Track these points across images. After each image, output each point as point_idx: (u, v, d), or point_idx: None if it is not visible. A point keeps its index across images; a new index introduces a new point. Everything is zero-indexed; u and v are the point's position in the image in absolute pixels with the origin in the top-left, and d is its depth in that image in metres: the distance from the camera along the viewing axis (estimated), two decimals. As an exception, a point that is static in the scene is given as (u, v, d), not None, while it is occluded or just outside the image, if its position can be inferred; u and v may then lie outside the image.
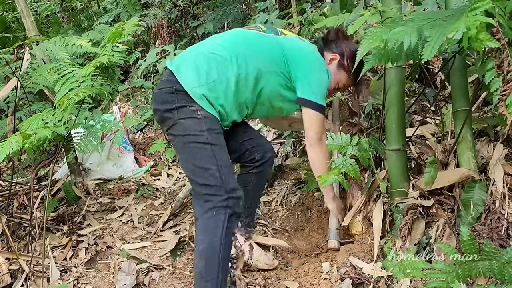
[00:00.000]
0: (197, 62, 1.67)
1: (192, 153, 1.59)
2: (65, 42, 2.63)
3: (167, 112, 1.63)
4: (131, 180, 3.01)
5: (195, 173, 1.59)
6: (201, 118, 1.60)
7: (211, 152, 1.58)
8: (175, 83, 1.64)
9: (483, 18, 1.00)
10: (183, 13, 4.35)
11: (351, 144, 1.70)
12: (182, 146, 1.62)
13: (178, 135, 1.62)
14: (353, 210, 1.94)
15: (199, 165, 1.58)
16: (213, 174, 1.56)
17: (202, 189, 1.57)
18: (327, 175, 1.62)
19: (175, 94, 1.63)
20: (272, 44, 1.72)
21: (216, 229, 1.53)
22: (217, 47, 1.70)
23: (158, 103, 1.66)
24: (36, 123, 1.95)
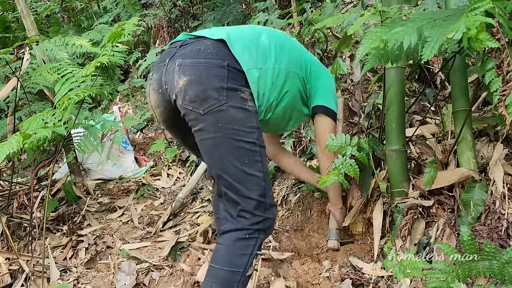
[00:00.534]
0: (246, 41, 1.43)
1: (238, 153, 1.32)
2: (65, 42, 2.63)
3: (213, 90, 1.30)
4: (131, 180, 3.01)
5: (237, 179, 1.32)
6: (252, 112, 1.36)
7: (259, 156, 1.35)
8: (228, 57, 1.36)
9: (483, 18, 1.00)
10: (183, 13, 4.35)
11: (351, 144, 1.70)
12: (224, 141, 1.31)
13: (222, 126, 1.31)
14: (353, 210, 1.94)
15: (245, 170, 1.32)
16: (258, 184, 1.33)
17: (242, 201, 1.33)
18: (327, 176, 1.62)
19: (225, 69, 1.33)
20: (301, 48, 1.64)
21: (242, 257, 1.32)
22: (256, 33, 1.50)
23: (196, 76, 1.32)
24: (36, 123, 1.95)
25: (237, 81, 1.35)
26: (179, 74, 1.33)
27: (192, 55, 1.36)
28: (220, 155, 1.33)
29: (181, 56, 1.37)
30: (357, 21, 1.49)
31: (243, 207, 1.33)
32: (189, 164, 2.96)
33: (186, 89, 1.32)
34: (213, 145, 1.34)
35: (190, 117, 1.35)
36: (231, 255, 1.32)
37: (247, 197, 1.32)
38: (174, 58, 1.39)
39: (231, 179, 1.33)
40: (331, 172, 1.66)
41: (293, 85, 1.55)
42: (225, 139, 1.32)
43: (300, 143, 2.69)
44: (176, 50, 1.42)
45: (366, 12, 1.57)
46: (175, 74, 1.34)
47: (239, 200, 1.33)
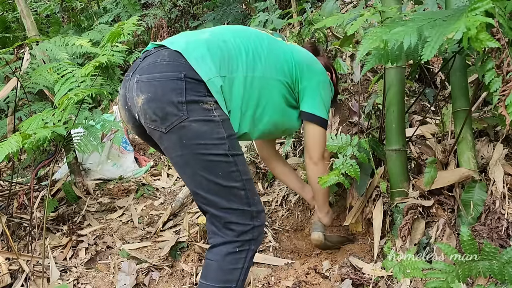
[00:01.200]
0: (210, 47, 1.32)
1: (210, 168, 1.25)
2: (65, 42, 2.63)
3: (172, 106, 1.22)
4: (131, 180, 3.01)
5: (215, 193, 1.27)
6: (219, 122, 1.27)
7: (234, 166, 1.28)
8: (184, 67, 1.25)
9: (483, 18, 1.00)
10: (183, 13, 4.35)
11: (351, 145, 1.70)
12: (193, 158, 1.25)
13: (187, 143, 1.24)
14: (353, 210, 1.94)
15: (220, 183, 1.26)
16: (237, 194, 1.28)
17: (224, 214, 1.27)
18: (328, 176, 1.62)
19: (183, 81, 1.23)
20: (284, 50, 1.49)
21: (233, 271, 1.28)
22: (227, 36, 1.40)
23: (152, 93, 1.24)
24: (36, 123, 1.95)
25: (197, 92, 1.25)
26: (137, 92, 1.27)
27: (149, 70, 1.28)
28: (192, 173, 1.27)
29: (139, 71, 1.30)
30: (357, 21, 1.49)
31: (227, 219, 1.27)
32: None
33: (145, 108, 1.26)
34: (183, 163, 1.28)
35: (155, 136, 1.30)
36: (222, 271, 1.28)
37: (229, 209, 1.27)
38: (135, 72, 1.31)
39: (207, 194, 1.27)
40: (332, 172, 1.66)
41: (276, 94, 1.45)
42: (192, 155, 1.25)
43: (300, 143, 2.69)
44: (139, 63, 1.34)
45: (366, 12, 1.57)
46: (134, 92, 1.28)
47: (221, 213, 1.27)
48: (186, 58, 1.27)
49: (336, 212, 2.15)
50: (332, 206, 2.19)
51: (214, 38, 1.37)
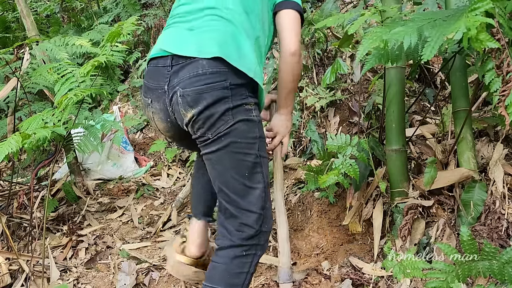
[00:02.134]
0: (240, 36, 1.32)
1: (239, 166, 1.29)
2: (65, 42, 2.63)
3: (220, 115, 1.26)
4: (131, 180, 3.01)
5: (237, 192, 1.30)
6: (256, 121, 1.32)
7: (260, 167, 1.32)
8: (227, 74, 1.27)
9: (483, 18, 1.00)
10: (183, 13, 4.35)
11: (351, 145, 1.70)
12: (226, 155, 1.29)
13: (227, 142, 1.28)
14: (352, 210, 1.94)
15: (244, 183, 1.29)
16: (258, 196, 1.31)
17: (240, 214, 1.30)
18: (327, 175, 1.62)
19: (229, 89, 1.26)
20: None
21: (239, 275, 1.29)
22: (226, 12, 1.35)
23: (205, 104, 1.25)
24: (36, 123, 1.95)
25: (241, 95, 1.29)
26: (184, 107, 1.28)
27: (192, 83, 1.26)
28: (222, 169, 1.30)
29: (181, 84, 1.28)
30: (357, 21, 1.49)
31: (243, 220, 1.30)
32: (189, 164, 2.96)
33: (195, 120, 1.28)
34: (216, 160, 1.31)
35: (200, 140, 1.32)
36: (228, 274, 1.29)
37: (247, 210, 1.30)
38: (173, 85, 1.30)
39: (230, 192, 1.30)
40: (331, 172, 1.66)
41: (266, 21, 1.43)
42: (226, 152, 1.28)
43: (300, 143, 2.69)
44: (169, 74, 1.32)
45: (366, 12, 1.57)
46: (181, 107, 1.29)
47: (238, 213, 1.30)
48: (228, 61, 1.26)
49: (336, 212, 2.16)
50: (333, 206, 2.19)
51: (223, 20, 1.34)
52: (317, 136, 2.56)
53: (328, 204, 2.20)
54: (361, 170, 1.83)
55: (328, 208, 2.20)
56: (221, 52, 1.27)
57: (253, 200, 1.30)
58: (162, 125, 1.41)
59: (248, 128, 1.29)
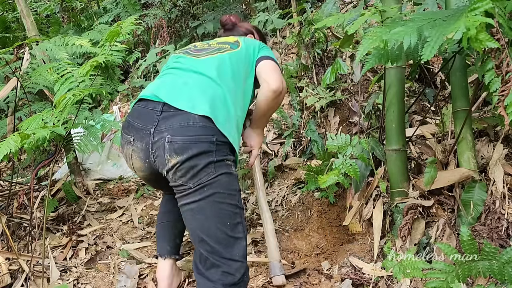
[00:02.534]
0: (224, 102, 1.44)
1: (221, 215, 1.34)
2: (65, 42, 2.63)
3: (204, 166, 1.32)
4: (131, 180, 3.01)
5: (219, 241, 1.33)
6: (236, 176, 1.41)
7: (240, 218, 1.38)
8: (216, 132, 1.35)
9: (483, 18, 1.00)
10: (183, 13, 4.35)
11: (351, 145, 1.70)
12: (209, 204, 1.33)
13: (210, 193, 1.33)
14: (353, 210, 1.94)
15: (227, 232, 1.33)
16: (240, 246, 1.35)
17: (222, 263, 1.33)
18: (327, 175, 1.62)
19: (214, 145, 1.34)
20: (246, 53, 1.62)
21: None
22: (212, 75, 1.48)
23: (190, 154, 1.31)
24: (36, 123, 1.95)
25: (224, 152, 1.37)
26: (170, 153, 1.33)
27: (182, 132, 1.33)
28: (204, 219, 1.33)
29: (169, 130, 1.34)
30: (357, 21, 1.49)
31: (225, 269, 1.32)
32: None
33: (178, 167, 1.33)
34: (198, 209, 1.34)
35: (179, 189, 1.37)
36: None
37: (229, 259, 1.33)
38: (160, 129, 1.35)
39: (213, 242, 1.33)
40: (331, 172, 1.66)
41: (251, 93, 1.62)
42: (209, 202, 1.33)
43: (300, 143, 2.69)
44: (158, 118, 1.38)
45: (366, 12, 1.57)
46: (166, 152, 1.33)
47: (220, 263, 1.32)
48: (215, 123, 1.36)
49: (336, 212, 2.16)
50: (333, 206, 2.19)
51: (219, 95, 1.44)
52: (317, 136, 2.56)
53: (328, 204, 2.20)
54: (361, 170, 1.84)
55: (328, 208, 2.20)
56: (211, 113, 1.36)
57: (235, 250, 1.34)
58: (139, 164, 1.44)
59: (229, 180, 1.37)
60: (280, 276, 1.73)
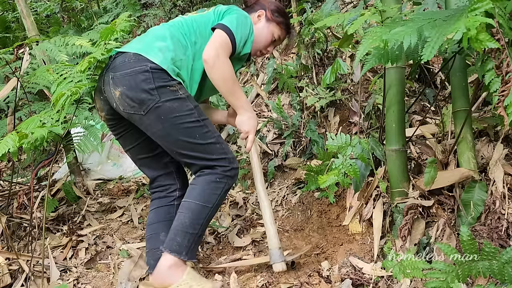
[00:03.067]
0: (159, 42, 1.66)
1: (188, 133, 1.59)
2: (65, 42, 2.62)
3: (145, 93, 1.54)
4: (131, 180, 3.01)
5: (199, 151, 1.61)
6: (185, 98, 1.61)
7: (206, 128, 1.63)
8: (147, 61, 1.57)
9: (483, 18, 1.00)
10: (183, 13, 4.35)
11: (351, 145, 1.70)
12: (173, 128, 1.58)
13: (164, 118, 1.56)
14: (352, 210, 1.94)
15: (200, 142, 1.61)
16: (215, 147, 1.63)
17: (211, 162, 1.62)
18: (327, 175, 1.62)
19: (149, 72, 1.55)
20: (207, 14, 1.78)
21: (212, 195, 1.62)
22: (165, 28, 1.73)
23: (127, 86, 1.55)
24: (34, 124, 1.94)
25: (163, 78, 1.57)
26: (113, 86, 1.59)
27: (120, 68, 1.59)
28: (174, 139, 1.60)
29: (112, 69, 1.61)
30: (357, 20, 1.49)
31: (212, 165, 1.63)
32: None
33: (123, 98, 1.57)
34: (165, 135, 1.61)
35: (135, 119, 1.62)
36: (204, 193, 1.61)
37: (214, 159, 1.62)
38: (108, 71, 1.64)
39: (192, 152, 1.61)
40: (331, 172, 1.66)
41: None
42: (172, 127, 1.58)
43: (300, 143, 2.69)
44: (109, 63, 1.67)
45: (366, 12, 1.57)
46: (110, 86, 1.60)
47: (210, 163, 1.63)
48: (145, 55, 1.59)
49: (336, 212, 2.16)
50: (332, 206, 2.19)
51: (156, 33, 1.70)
52: (317, 136, 2.56)
53: (328, 204, 2.20)
54: (361, 170, 1.83)
55: (328, 208, 2.20)
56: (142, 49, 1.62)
57: (213, 151, 1.62)
58: (98, 102, 1.74)
59: (179, 104, 1.58)
60: (280, 263, 1.75)
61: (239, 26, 1.70)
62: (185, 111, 1.58)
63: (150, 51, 1.61)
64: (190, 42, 1.70)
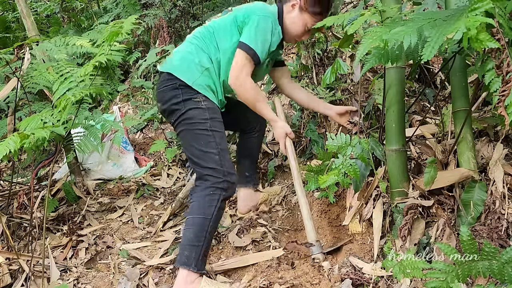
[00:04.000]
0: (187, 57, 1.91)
1: (196, 138, 1.83)
2: (65, 42, 2.63)
3: (175, 105, 1.86)
4: (131, 180, 3.01)
5: (198, 157, 1.83)
6: (205, 108, 1.85)
7: (213, 138, 1.83)
8: (176, 79, 1.86)
9: (483, 18, 1.00)
10: (183, 13, 4.35)
11: (351, 145, 1.70)
12: (187, 133, 1.86)
13: (185, 123, 1.85)
14: (352, 210, 1.94)
15: (202, 149, 1.82)
16: (213, 158, 1.81)
17: (204, 170, 1.82)
18: (327, 175, 1.62)
19: (179, 89, 1.86)
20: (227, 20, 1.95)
21: (209, 207, 1.78)
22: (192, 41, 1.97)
23: (164, 100, 1.90)
24: (35, 123, 1.95)
25: (190, 92, 1.85)
26: (157, 102, 1.97)
27: (159, 87, 1.94)
28: (187, 143, 1.88)
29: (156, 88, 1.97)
30: (357, 20, 1.49)
31: (206, 175, 1.82)
32: (189, 164, 2.96)
33: (161, 109, 1.96)
34: (182, 137, 1.91)
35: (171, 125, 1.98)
36: (202, 206, 1.79)
37: (207, 167, 1.81)
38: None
39: (194, 157, 1.85)
40: (331, 172, 1.66)
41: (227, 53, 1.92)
42: (186, 131, 1.86)
43: (300, 143, 2.69)
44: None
45: (366, 12, 1.57)
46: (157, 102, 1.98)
47: (201, 171, 1.83)
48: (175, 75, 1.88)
49: (336, 212, 2.16)
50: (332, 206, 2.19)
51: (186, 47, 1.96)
52: (317, 136, 2.56)
53: (328, 204, 2.20)
54: (361, 170, 1.83)
55: (328, 208, 2.20)
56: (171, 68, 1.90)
57: (209, 160, 1.81)
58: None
59: (198, 112, 1.84)
60: (319, 254, 1.86)
61: (259, 35, 1.87)
62: (200, 119, 1.83)
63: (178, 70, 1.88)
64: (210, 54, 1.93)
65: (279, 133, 1.99)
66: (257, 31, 1.86)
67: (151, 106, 3.65)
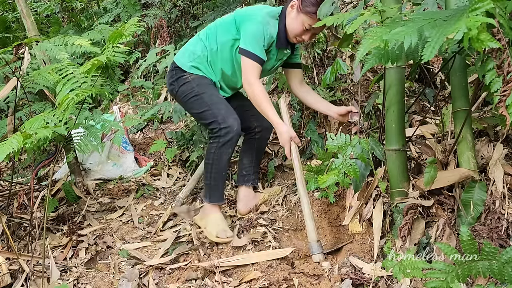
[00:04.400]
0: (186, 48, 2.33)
1: (191, 106, 2.25)
2: (65, 42, 2.63)
3: (171, 84, 2.30)
4: (131, 180, 3.01)
5: (199, 118, 2.27)
6: (191, 81, 2.23)
7: (201, 99, 2.19)
8: (174, 64, 2.30)
9: (484, 18, 1.00)
10: (183, 13, 4.35)
11: (351, 145, 1.70)
12: (185, 104, 2.29)
13: (182, 96, 2.26)
14: (352, 210, 1.94)
15: (197, 111, 2.22)
16: (207, 114, 2.17)
17: (207, 126, 2.24)
18: (327, 175, 1.62)
19: (173, 71, 2.29)
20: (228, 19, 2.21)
21: (209, 153, 2.20)
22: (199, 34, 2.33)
23: (167, 82, 2.35)
24: (38, 124, 1.95)
25: (181, 73, 2.26)
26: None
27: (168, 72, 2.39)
28: (188, 111, 2.37)
29: None
30: (356, 20, 1.49)
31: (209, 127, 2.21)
32: (189, 164, 2.96)
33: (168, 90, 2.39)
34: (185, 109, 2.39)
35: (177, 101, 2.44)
36: (206, 153, 2.23)
37: (207, 123, 2.20)
38: None
39: (198, 120, 2.40)
40: (331, 172, 1.66)
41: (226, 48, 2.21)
42: (184, 103, 2.31)
43: (300, 143, 2.68)
44: None
45: (366, 12, 1.57)
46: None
47: (207, 127, 2.27)
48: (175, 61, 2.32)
49: (336, 212, 2.16)
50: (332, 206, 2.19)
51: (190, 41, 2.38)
52: (317, 136, 2.56)
53: (328, 204, 2.20)
54: (361, 170, 1.83)
55: (328, 208, 2.20)
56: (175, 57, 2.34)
57: (205, 117, 2.19)
58: None
59: (187, 86, 2.24)
60: (318, 254, 1.88)
61: (254, 39, 2.08)
62: (189, 90, 2.21)
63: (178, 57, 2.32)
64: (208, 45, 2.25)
65: (284, 138, 2.04)
66: (252, 36, 2.08)
67: (151, 106, 3.65)
